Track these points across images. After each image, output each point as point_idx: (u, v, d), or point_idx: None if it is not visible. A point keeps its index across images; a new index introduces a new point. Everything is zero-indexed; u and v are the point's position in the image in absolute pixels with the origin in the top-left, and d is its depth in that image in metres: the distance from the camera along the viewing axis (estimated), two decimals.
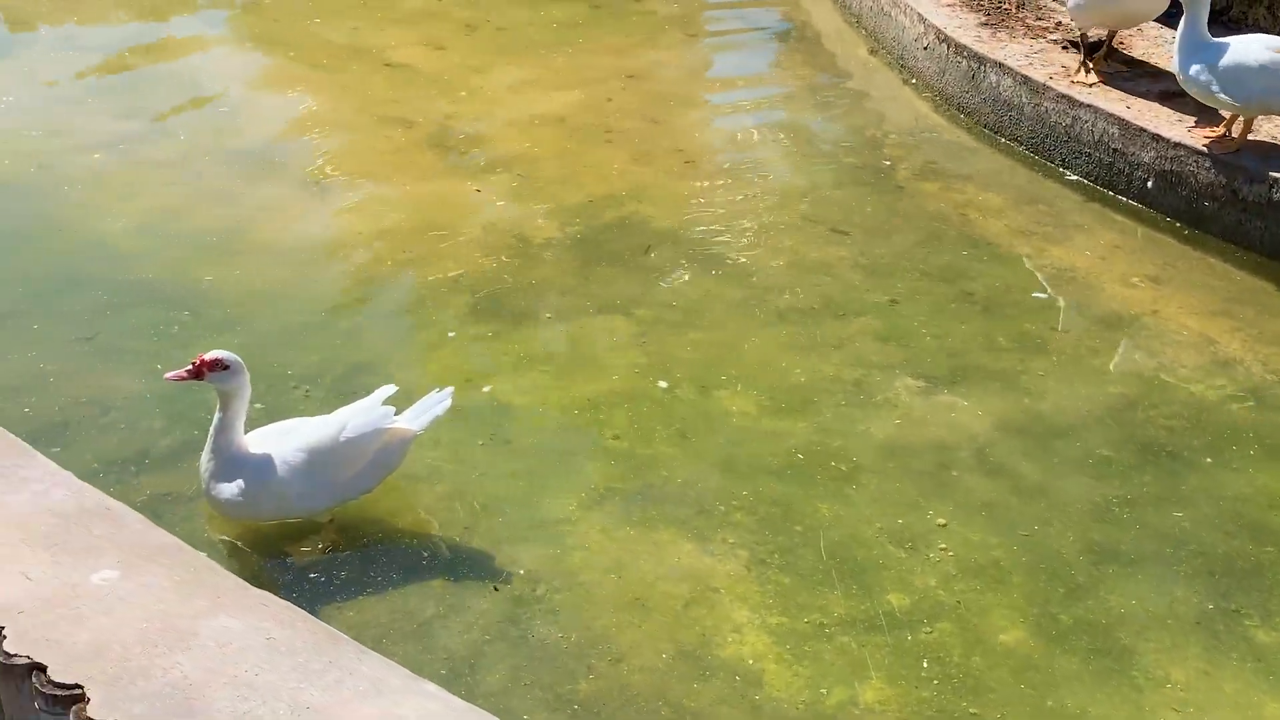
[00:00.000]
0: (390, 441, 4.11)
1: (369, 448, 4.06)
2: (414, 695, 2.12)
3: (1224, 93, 5.66)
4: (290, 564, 4.05)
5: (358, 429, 4.03)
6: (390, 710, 2.09)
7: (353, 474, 4.06)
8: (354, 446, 4.03)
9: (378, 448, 4.08)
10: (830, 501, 4.38)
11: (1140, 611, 3.96)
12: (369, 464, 4.08)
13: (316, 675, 2.18)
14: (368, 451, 4.06)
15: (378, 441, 4.07)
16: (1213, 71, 5.67)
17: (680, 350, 5.15)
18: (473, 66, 7.74)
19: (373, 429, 4.05)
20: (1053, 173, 6.55)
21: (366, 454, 4.06)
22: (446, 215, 6.09)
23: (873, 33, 8.10)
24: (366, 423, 4.05)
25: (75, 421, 4.61)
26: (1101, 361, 5.15)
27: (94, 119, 6.91)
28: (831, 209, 6.26)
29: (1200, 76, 5.71)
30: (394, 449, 4.13)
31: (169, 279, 5.50)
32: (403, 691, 2.12)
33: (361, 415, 4.07)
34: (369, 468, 4.08)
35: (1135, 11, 6.47)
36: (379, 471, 4.13)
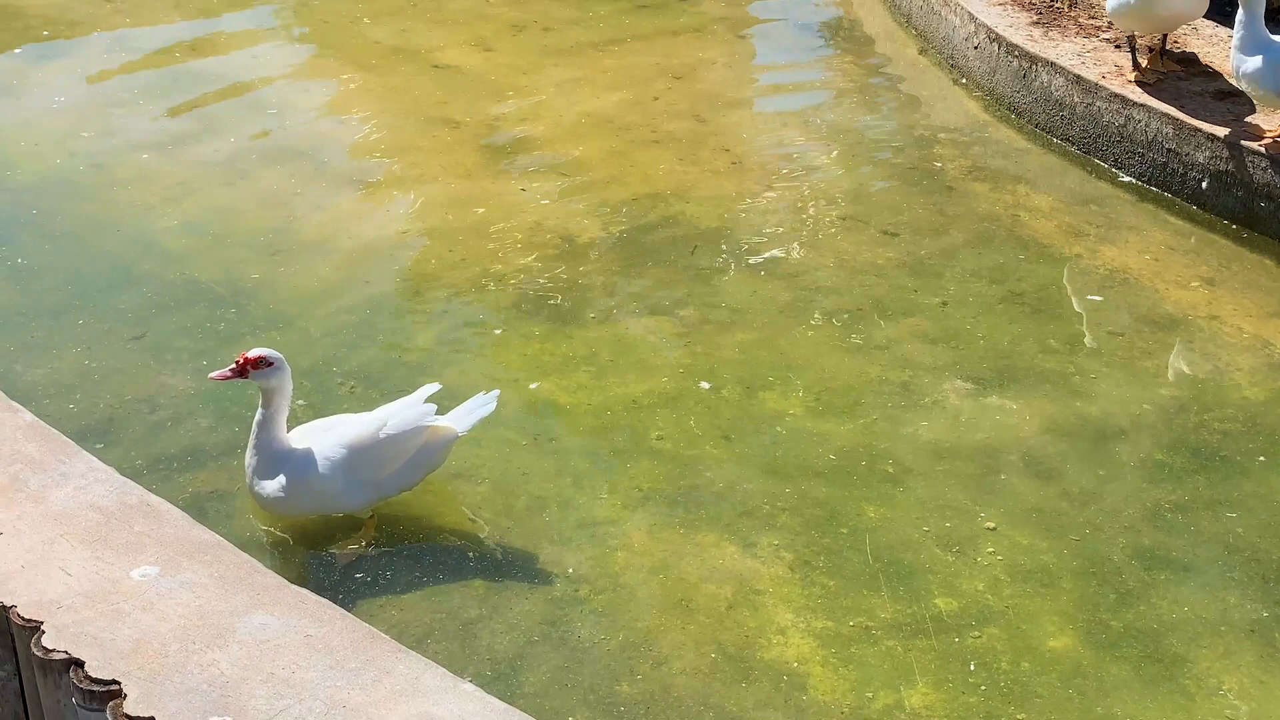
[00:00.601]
0: (432, 440, 4.10)
1: (410, 445, 4.05)
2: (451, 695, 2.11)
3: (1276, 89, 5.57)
4: (334, 562, 4.06)
5: (398, 426, 4.03)
6: (427, 710, 2.08)
7: (393, 471, 4.06)
8: (395, 444, 4.03)
9: (419, 446, 4.07)
10: (876, 504, 4.33)
11: (1192, 618, 3.88)
12: (409, 462, 4.07)
13: (353, 674, 2.17)
14: (408, 449, 4.06)
15: (419, 439, 4.06)
16: (1270, 70, 5.57)
17: (726, 351, 5.12)
18: (519, 67, 7.74)
19: (413, 427, 4.04)
20: (1105, 173, 6.47)
21: (407, 452, 4.06)
22: (493, 215, 6.09)
23: (923, 32, 8.03)
24: (407, 420, 4.04)
25: (123, 419, 4.64)
26: (1154, 364, 5.07)
27: (145, 119, 6.96)
28: (880, 209, 6.21)
29: (1257, 75, 5.61)
30: (435, 448, 4.12)
31: (217, 278, 5.53)
32: (440, 691, 2.11)
33: (403, 413, 4.07)
34: (409, 465, 4.08)
35: (1170, 16, 6.33)
36: (419, 470, 4.13)
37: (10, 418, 2.88)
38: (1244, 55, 5.65)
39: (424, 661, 2.24)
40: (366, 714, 2.07)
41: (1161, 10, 6.24)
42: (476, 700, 2.11)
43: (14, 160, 6.50)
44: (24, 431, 2.80)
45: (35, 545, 2.48)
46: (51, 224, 5.94)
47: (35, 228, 5.90)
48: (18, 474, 2.68)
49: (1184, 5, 6.27)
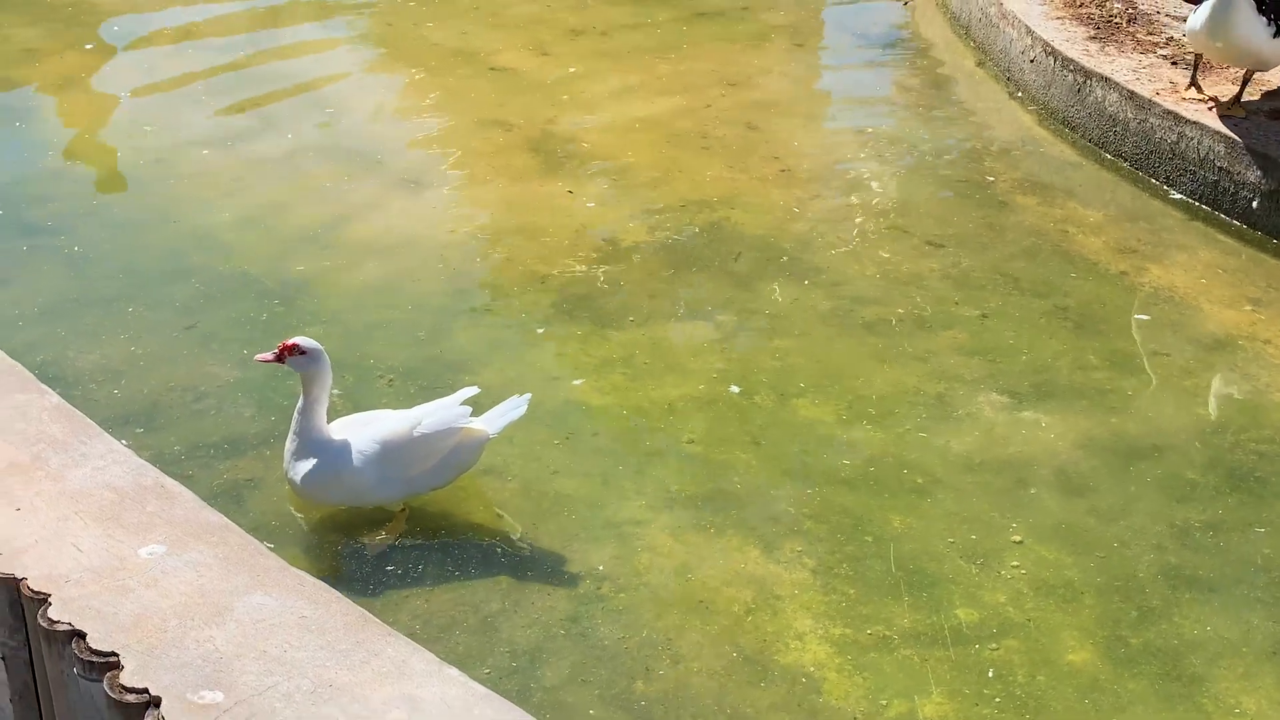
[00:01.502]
0: (464, 441, 4.17)
1: (442, 445, 4.13)
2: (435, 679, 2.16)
3: None
4: (362, 553, 4.14)
5: (432, 426, 4.10)
6: (411, 692, 2.13)
7: (425, 469, 4.14)
8: (427, 443, 4.10)
9: (451, 446, 4.14)
10: (903, 513, 4.34)
11: (1214, 638, 3.85)
12: (441, 461, 4.15)
13: (343, 654, 2.23)
14: (441, 449, 4.13)
15: (451, 440, 4.13)
16: None
17: (762, 358, 5.15)
18: (575, 71, 7.81)
19: (446, 427, 4.11)
20: (1156, 190, 6.41)
21: (439, 451, 4.13)
22: (539, 216, 6.16)
23: (980, 44, 8.01)
24: (441, 421, 4.12)
25: (167, 405, 4.75)
26: (1194, 383, 5.03)
27: (207, 115, 7.12)
28: (927, 221, 6.20)
29: None
30: (467, 449, 4.19)
31: (267, 271, 5.65)
32: (425, 675, 2.17)
33: (438, 413, 4.14)
34: (441, 465, 4.15)
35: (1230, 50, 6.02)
36: (451, 470, 4.20)
37: (38, 399, 2.98)
38: None
39: (412, 645, 2.30)
40: (351, 693, 2.13)
41: (1226, 37, 6.06)
42: (459, 684, 2.16)
43: (79, 152, 6.68)
44: (50, 413, 2.91)
45: (50, 522, 2.57)
46: (110, 214, 6.09)
47: (94, 218, 6.06)
48: (40, 453, 2.78)
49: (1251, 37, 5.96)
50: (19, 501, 2.63)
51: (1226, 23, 5.91)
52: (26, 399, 2.96)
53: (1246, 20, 5.89)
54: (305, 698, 2.18)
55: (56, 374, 4.85)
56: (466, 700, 2.09)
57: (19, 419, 2.89)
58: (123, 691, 2.23)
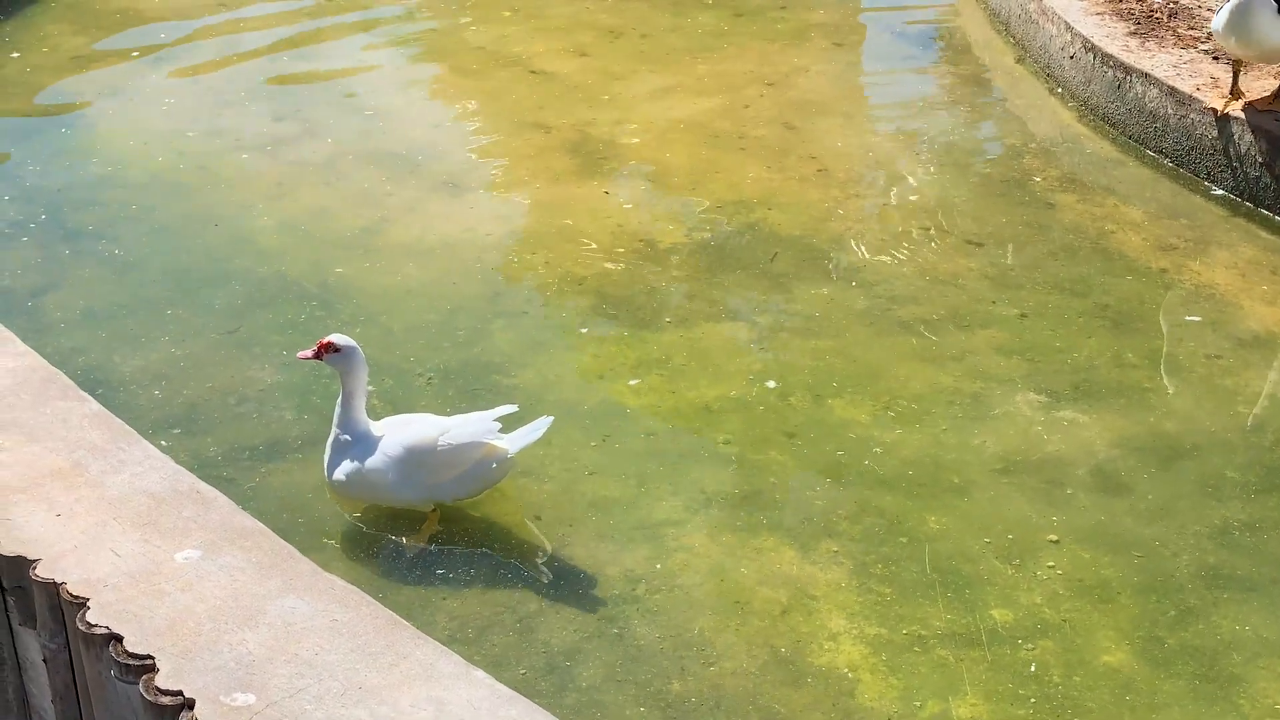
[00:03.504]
0: (488, 457, 4.20)
1: (465, 458, 4.17)
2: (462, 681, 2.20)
3: None
4: (398, 555, 4.18)
5: (457, 438, 4.16)
6: (438, 694, 2.17)
7: (448, 479, 4.20)
8: (451, 454, 4.16)
9: (475, 460, 4.18)
10: (939, 514, 4.34)
11: (1253, 638, 3.83)
12: (465, 474, 4.20)
13: (373, 657, 2.27)
14: (464, 461, 4.18)
15: (475, 454, 4.18)
16: None
17: (799, 358, 5.15)
18: (614, 73, 7.84)
19: (469, 441, 4.16)
20: (1198, 186, 6.36)
21: (463, 463, 4.18)
22: (578, 218, 6.20)
23: (1020, 41, 7.96)
24: (466, 434, 4.16)
25: (208, 409, 4.82)
26: (1235, 381, 4.99)
27: (249, 121, 7.20)
28: (966, 219, 6.18)
29: None
30: (488, 464, 4.21)
31: (309, 275, 5.71)
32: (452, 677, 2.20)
33: (467, 425, 4.19)
34: (465, 477, 4.21)
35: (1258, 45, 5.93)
36: (474, 483, 4.24)
37: (79, 406, 3.05)
38: None
39: (441, 648, 2.34)
40: (379, 695, 2.17)
41: (1246, 38, 5.93)
42: (486, 687, 2.20)
43: (124, 158, 6.77)
44: (90, 420, 2.97)
45: (89, 527, 2.63)
46: (154, 219, 6.18)
47: (138, 223, 6.15)
48: (80, 459, 2.85)
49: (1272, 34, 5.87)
50: (59, 507, 2.69)
51: (1246, 24, 5.84)
52: (67, 406, 3.02)
53: (1267, 21, 5.82)
54: (335, 700, 2.22)
55: (100, 378, 4.93)
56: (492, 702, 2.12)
57: (60, 426, 2.96)
58: (158, 694, 2.28)
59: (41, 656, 2.62)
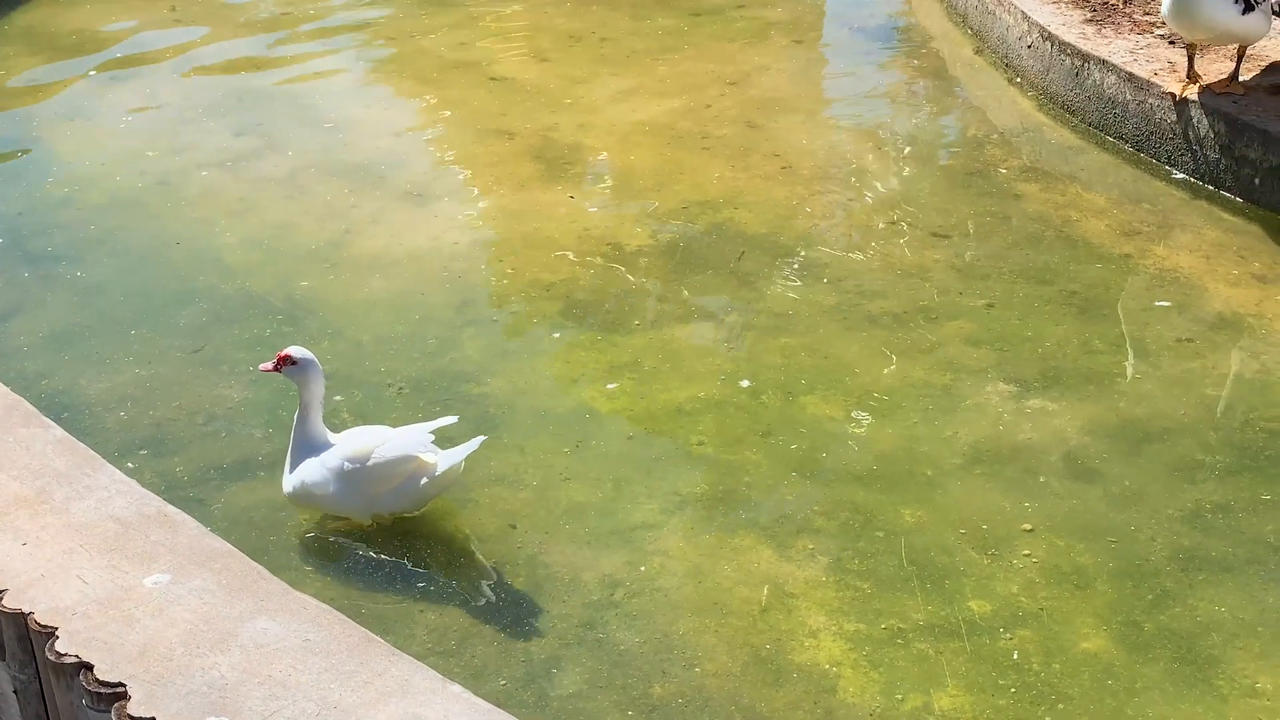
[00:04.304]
0: (418, 471, 4.16)
1: (397, 471, 4.15)
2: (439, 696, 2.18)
3: None
4: (375, 568, 4.15)
5: (388, 452, 4.14)
6: (415, 710, 2.15)
7: (383, 492, 4.18)
8: (384, 467, 4.14)
9: (407, 474, 4.15)
10: (913, 507, 4.34)
11: (1229, 619, 3.85)
12: (398, 488, 4.17)
13: (347, 676, 2.25)
14: (396, 475, 4.15)
15: (406, 468, 4.15)
16: None
17: (769, 356, 5.15)
18: (575, 77, 7.83)
19: (399, 455, 4.13)
20: (1158, 171, 6.39)
21: (396, 477, 4.15)
22: (544, 224, 6.18)
23: (978, 32, 7.99)
24: (397, 447, 4.14)
25: (177, 429, 4.78)
26: (1202, 363, 5.01)
27: (209, 137, 7.15)
28: (930, 212, 6.20)
29: None
30: (418, 479, 4.17)
31: (274, 290, 5.68)
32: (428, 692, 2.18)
33: (400, 439, 4.17)
34: (398, 491, 4.18)
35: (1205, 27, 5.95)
36: (408, 498, 4.20)
37: (42, 433, 3.01)
38: None
39: (415, 664, 2.32)
40: (355, 714, 2.15)
41: (1192, 20, 5.96)
42: (463, 701, 2.18)
43: (83, 179, 6.72)
44: (54, 446, 2.94)
45: (56, 555, 2.60)
46: (115, 240, 6.13)
47: (100, 244, 6.09)
48: (44, 487, 2.81)
49: (1216, 16, 5.92)
50: (25, 536, 2.66)
51: (1190, 7, 5.88)
52: (30, 433, 2.99)
53: (1210, 3, 5.85)
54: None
55: (65, 401, 4.89)
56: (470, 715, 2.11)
57: (23, 453, 2.92)
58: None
59: (12, 688, 2.59)
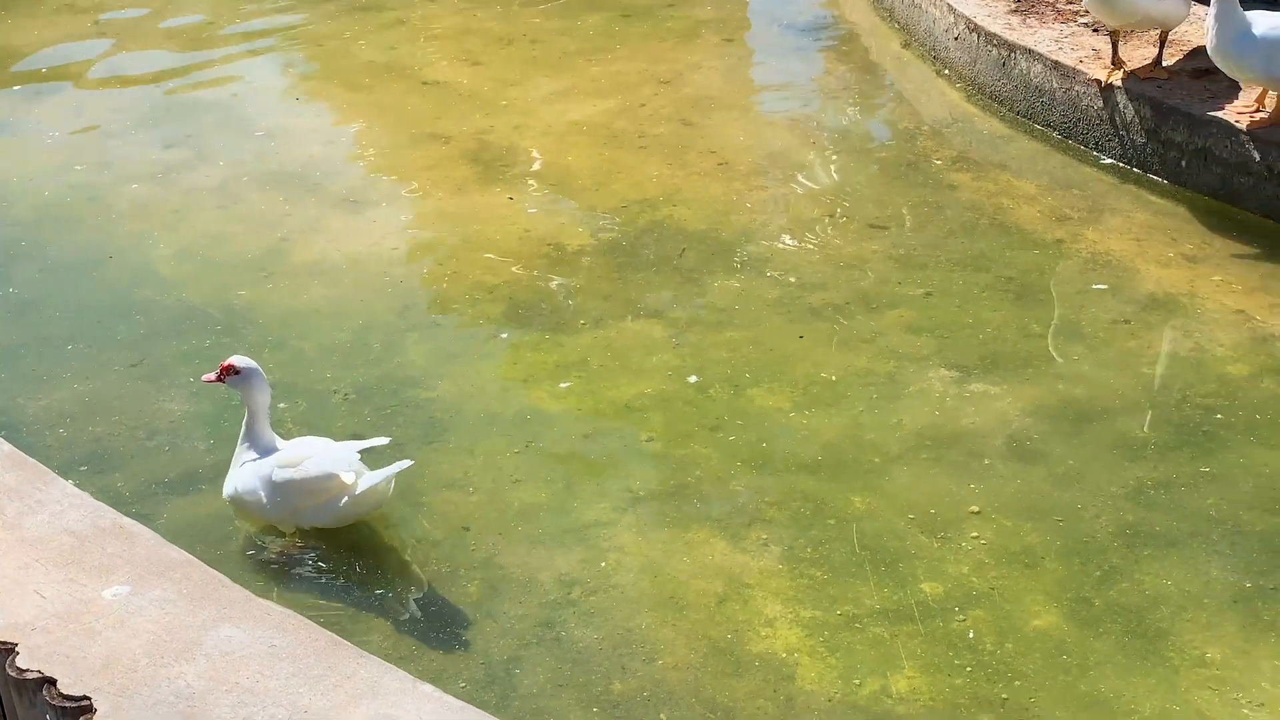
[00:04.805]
0: (338, 491, 4.11)
1: (319, 488, 4.11)
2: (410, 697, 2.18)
3: (1265, 70, 5.57)
4: (328, 577, 4.13)
5: (310, 469, 4.11)
6: (386, 712, 2.15)
7: (307, 506, 4.15)
8: (307, 483, 4.11)
9: (327, 492, 4.12)
10: (863, 494, 4.39)
11: (1175, 592, 3.93)
12: (321, 504, 4.14)
13: (315, 680, 2.24)
14: (319, 491, 4.11)
15: (328, 485, 4.11)
16: (1253, 48, 5.57)
17: (715, 351, 5.18)
18: (508, 80, 7.82)
19: (320, 473, 4.10)
20: (1087, 157, 6.51)
21: (319, 493, 4.12)
22: (483, 226, 6.17)
23: (905, 26, 8.08)
24: (319, 465, 4.12)
25: (118, 445, 4.73)
26: (1137, 343, 5.11)
27: (138, 149, 7.07)
28: (866, 204, 6.26)
29: (1239, 53, 5.60)
30: (339, 497, 4.12)
31: (212, 301, 5.62)
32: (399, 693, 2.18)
33: (326, 457, 4.13)
34: (321, 507, 4.15)
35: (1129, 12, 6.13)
36: (328, 514, 4.16)
37: None
38: (1225, 33, 5.61)
39: (384, 665, 2.31)
40: (328, 718, 2.14)
41: (1108, 6, 6.10)
42: (435, 700, 2.18)
43: (11, 195, 6.61)
44: (2, 461, 2.89)
45: (10, 571, 2.57)
46: (47, 256, 6.04)
47: (31, 260, 6.00)
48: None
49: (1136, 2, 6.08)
50: None
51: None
52: None
53: None
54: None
55: (3, 420, 4.81)
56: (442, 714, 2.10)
57: None
58: None
59: None
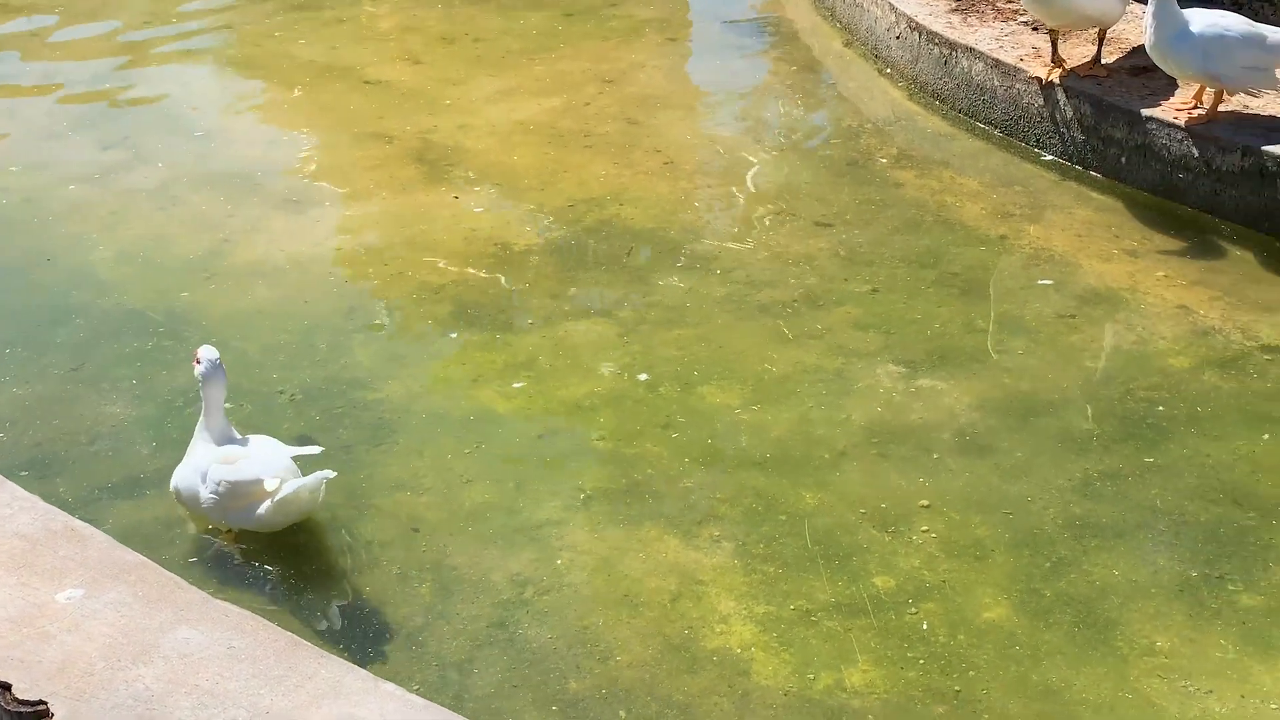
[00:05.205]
0: (260, 497, 4.07)
1: (241, 492, 4.08)
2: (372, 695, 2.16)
3: (1203, 67, 5.65)
4: (279, 580, 4.08)
5: (234, 473, 4.08)
6: (348, 711, 2.13)
7: (236, 508, 4.10)
8: (230, 485, 4.08)
9: (251, 496, 4.08)
10: (814, 489, 4.41)
11: (1123, 582, 3.98)
12: (244, 508, 4.10)
13: (276, 681, 2.22)
14: (241, 495, 4.08)
15: (250, 490, 4.07)
16: (1191, 46, 5.64)
17: (664, 349, 5.18)
18: (451, 79, 7.78)
19: (241, 478, 4.06)
20: (1028, 154, 6.58)
21: (240, 497, 4.08)
22: (428, 227, 6.13)
23: (847, 25, 8.13)
24: (248, 467, 4.09)
25: (60, 450, 4.65)
26: (1081, 337, 5.17)
27: (75, 151, 6.96)
28: (811, 202, 6.29)
29: (1176, 50, 5.68)
30: (259, 503, 4.08)
31: (153, 304, 5.55)
32: (361, 692, 2.16)
33: (254, 462, 4.10)
34: (245, 510, 4.10)
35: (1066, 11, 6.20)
36: (252, 518, 4.11)
37: None
38: (1163, 31, 5.69)
39: (346, 665, 2.29)
40: (289, 718, 2.12)
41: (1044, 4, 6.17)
42: (397, 699, 2.16)
43: None
44: None
45: None
46: None
47: None
48: None
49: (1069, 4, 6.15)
50: None
51: None
52: None
53: None
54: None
55: None
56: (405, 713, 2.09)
57: None
58: None
59: None
